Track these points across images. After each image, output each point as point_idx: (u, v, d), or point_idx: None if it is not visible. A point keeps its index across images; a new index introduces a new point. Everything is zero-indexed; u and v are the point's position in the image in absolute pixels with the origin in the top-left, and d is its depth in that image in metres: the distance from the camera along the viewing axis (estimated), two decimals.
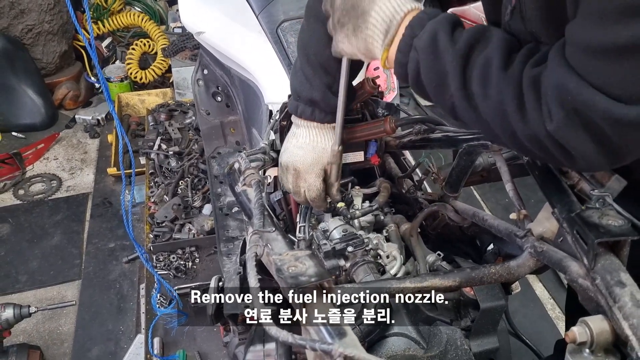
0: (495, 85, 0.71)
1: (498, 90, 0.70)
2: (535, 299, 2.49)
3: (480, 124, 0.76)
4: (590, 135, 0.65)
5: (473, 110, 0.74)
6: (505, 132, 0.73)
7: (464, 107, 0.75)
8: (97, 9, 4.07)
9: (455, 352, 1.09)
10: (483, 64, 0.72)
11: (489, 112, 0.73)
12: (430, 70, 0.76)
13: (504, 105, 0.70)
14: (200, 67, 2.13)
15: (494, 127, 0.74)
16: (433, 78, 0.76)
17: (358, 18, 0.81)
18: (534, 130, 0.69)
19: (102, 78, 1.54)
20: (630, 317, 0.61)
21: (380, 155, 1.51)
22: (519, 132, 0.71)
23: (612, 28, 0.59)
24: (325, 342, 0.58)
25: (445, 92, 0.76)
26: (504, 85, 0.70)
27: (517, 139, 0.72)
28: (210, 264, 2.40)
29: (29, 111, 3.56)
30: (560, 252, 0.81)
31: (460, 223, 1.30)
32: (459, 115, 0.78)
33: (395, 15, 0.78)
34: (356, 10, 0.81)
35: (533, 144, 0.70)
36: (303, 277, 0.64)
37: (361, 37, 0.82)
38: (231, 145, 2.17)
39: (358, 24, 0.81)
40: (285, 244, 0.74)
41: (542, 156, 0.74)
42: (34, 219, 2.93)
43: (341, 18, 0.84)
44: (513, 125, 0.71)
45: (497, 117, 0.72)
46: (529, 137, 0.70)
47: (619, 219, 0.71)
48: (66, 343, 2.28)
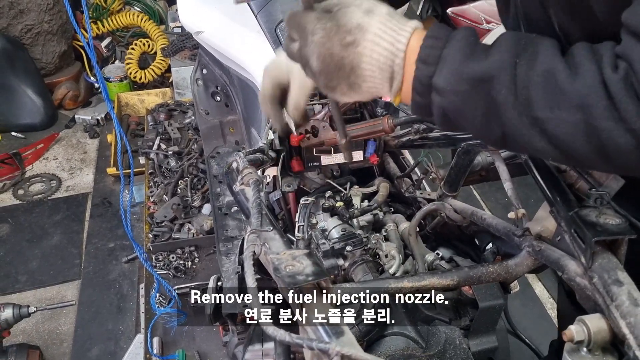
0: (573, 102, 0.60)
1: (579, 106, 0.59)
2: (534, 298, 2.50)
3: (552, 148, 0.63)
4: None
5: (539, 136, 0.63)
6: (591, 150, 0.61)
7: (525, 135, 0.63)
8: (97, 8, 4.07)
9: (453, 352, 1.09)
10: (543, 81, 0.61)
11: (565, 133, 0.61)
12: (464, 109, 0.65)
13: (591, 120, 0.59)
14: (199, 67, 2.12)
15: (573, 148, 0.62)
16: (469, 116, 0.65)
17: (349, 77, 0.68)
18: (631, 137, 0.58)
19: (101, 78, 1.54)
20: (627, 316, 0.61)
21: (379, 154, 1.52)
22: (610, 145, 0.60)
23: None
24: (322, 342, 0.58)
25: (492, 125, 0.64)
26: (588, 98, 0.59)
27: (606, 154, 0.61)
28: (209, 264, 2.41)
29: (28, 111, 3.56)
30: (558, 251, 0.81)
31: (459, 222, 1.30)
32: (513, 146, 0.67)
33: (395, 58, 0.66)
34: (343, 70, 0.67)
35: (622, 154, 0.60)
36: (300, 276, 0.64)
37: (362, 92, 0.70)
38: (230, 144, 2.17)
39: (352, 82, 0.68)
40: (283, 243, 0.74)
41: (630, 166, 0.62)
42: (34, 219, 2.93)
43: (329, 83, 0.70)
44: (602, 140, 0.60)
45: (578, 136, 0.61)
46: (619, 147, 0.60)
47: (616, 218, 0.71)
48: (66, 343, 2.28)
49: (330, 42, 0.66)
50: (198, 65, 2.13)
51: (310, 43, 0.67)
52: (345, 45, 0.66)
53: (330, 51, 0.66)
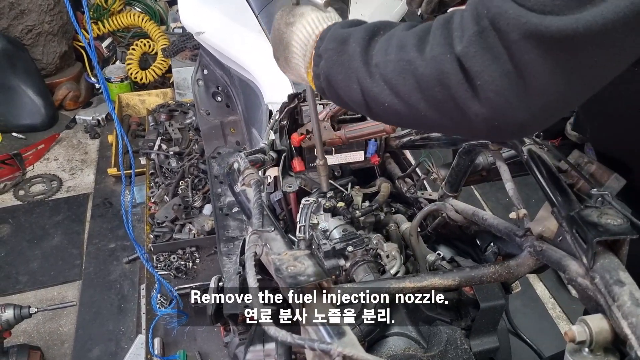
0: (396, 43, 0.68)
1: (399, 45, 0.67)
2: (536, 299, 2.49)
3: (387, 93, 0.70)
4: (497, 55, 0.60)
5: (378, 82, 0.70)
6: (412, 84, 0.67)
7: (368, 85, 0.71)
8: (97, 9, 4.07)
9: (455, 352, 1.09)
10: (386, 39, 0.70)
11: (391, 72, 0.68)
12: (335, 65, 0.75)
13: (406, 54, 0.66)
14: (200, 67, 2.13)
15: (401, 88, 0.68)
16: (338, 71, 0.75)
17: (285, 50, 0.84)
18: (438, 64, 0.63)
19: (102, 79, 1.54)
20: (629, 316, 0.60)
21: (380, 154, 1.52)
22: (425, 74, 0.65)
23: None
24: (324, 342, 0.58)
25: (351, 81, 0.73)
26: (406, 39, 0.67)
27: (424, 86, 0.66)
28: (210, 264, 2.41)
29: (29, 112, 3.56)
30: (559, 251, 0.81)
31: (460, 222, 1.30)
32: (366, 102, 0.74)
33: (309, 39, 0.81)
34: (282, 43, 0.84)
35: (439, 83, 0.64)
36: (302, 276, 0.64)
37: (292, 67, 0.85)
38: (231, 145, 2.17)
39: (286, 56, 0.84)
40: (284, 244, 0.74)
41: (443, 99, 0.66)
42: (35, 219, 2.93)
43: (275, 53, 0.88)
44: (418, 69, 0.66)
45: (401, 71, 0.67)
46: (434, 75, 0.64)
47: (618, 218, 0.71)
48: (67, 343, 2.28)
49: (281, 20, 0.84)
50: (199, 65, 2.14)
51: (274, 21, 0.87)
52: (287, 24, 0.83)
53: (278, 27, 0.85)
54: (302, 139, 1.41)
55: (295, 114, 1.45)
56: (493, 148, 1.15)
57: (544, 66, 0.58)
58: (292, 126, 1.45)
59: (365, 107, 0.75)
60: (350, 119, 1.44)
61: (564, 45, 0.57)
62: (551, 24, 0.55)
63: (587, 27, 0.55)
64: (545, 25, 0.56)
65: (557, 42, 0.56)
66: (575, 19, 0.55)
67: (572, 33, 0.55)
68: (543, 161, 0.90)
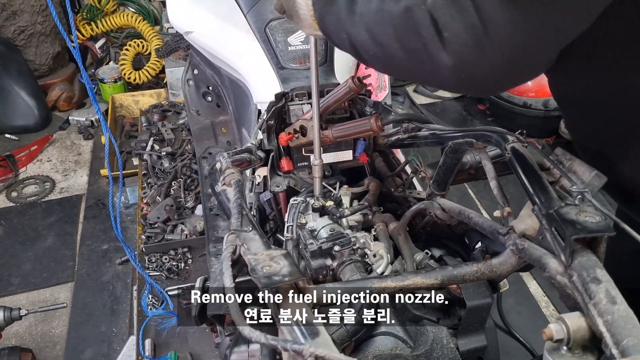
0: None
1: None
2: (529, 297, 2.49)
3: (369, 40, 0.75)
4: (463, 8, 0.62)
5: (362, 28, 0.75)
6: (388, 26, 0.71)
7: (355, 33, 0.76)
8: (91, 9, 4.06)
9: (441, 351, 1.08)
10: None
11: (372, 20, 0.73)
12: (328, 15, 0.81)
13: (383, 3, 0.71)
14: (190, 67, 2.12)
15: (377, 34, 0.73)
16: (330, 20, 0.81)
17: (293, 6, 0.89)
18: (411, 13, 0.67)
19: (88, 81, 1.53)
20: (604, 314, 0.60)
21: (369, 154, 1.51)
22: (397, 21, 0.69)
23: None
24: (296, 342, 0.57)
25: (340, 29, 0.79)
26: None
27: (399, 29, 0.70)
28: (202, 265, 2.40)
29: (22, 113, 3.55)
30: (540, 249, 0.80)
31: (447, 221, 1.30)
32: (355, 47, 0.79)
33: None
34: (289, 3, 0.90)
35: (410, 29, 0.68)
36: (277, 276, 0.64)
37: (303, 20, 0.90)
38: (222, 145, 2.16)
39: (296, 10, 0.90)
40: (262, 244, 0.74)
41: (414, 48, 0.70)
42: (27, 221, 2.92)
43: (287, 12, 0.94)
44: (392, 15, 0.70)
45: (379, 19, 0.72)
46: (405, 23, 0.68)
47: (596, 216, 0.70)
48: (59, 345, 2.27)
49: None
50: (189, 65, 2.13)
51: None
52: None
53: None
54: (289, 138, 1.40)
55: (283, 114, 1.45)
56: (478, 147, 1.15)
57: (505, 17, 0.60)
58: (280, 126, 1.44)
59: (356, 54, 0.81)
60: (338, 119, 1.44)
61: None
62: None
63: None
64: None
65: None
66: None
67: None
68: (525, 159, 0.89)
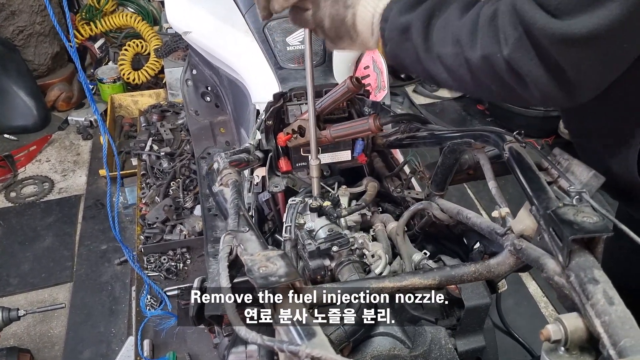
0: (452, 37, 0.75)
1: (454, 39, 0.75)
2: (528, 297, 2.49)
3: (451, 79, 0.80)
4: (540, 57, 0.67)
5: (442, 70, 0.79)
6: (467, 75, 0.76)
7: (434, 71, 0.81)
8: (90, 9, 4.05)
9: (439, 351, 1.08)
10: (442, 26, 0.77)
11: (451, 64, 0.77)
12: (403, 51, 0.84)
13: (461, 49, 0.74)
14: (189, 67, 2.11)
15: (458, 75, 0.77)
16: (406, 55, 0.84)
17: (350, 31, 0.91)
18: (490, 62, 0.71)
19: (85, 82, 1.53)
20: (602, 315, 0.60)
21: (368, 154, 1.51)
22: (478, 70, 0.73)
23: None
24: (292, 343, 0.57)
25: (416, 65, 0.84)
26: (461, 31, 0.74)
27: (478, 79, 0.75)
28: (201, 265, 2.40)
29: (21, 113, 3.55)
30: (538, 250, 0.80)
31: (445, 221, 1.30)
32: (436, 80, 0.84)
33: (374, 18, 0.88)
34: (346, 26, 0.91)
35: (491, 77, 0.73)
36: (273, 277, 0.64)
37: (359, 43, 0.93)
38: (221, 145, 2.16)
39: (351, 35, 0.92)
40: (259, 244, 0.73)
41: (500, 91, 0.76)
42: (26, 221, 2.92)
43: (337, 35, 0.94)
44: (472, 65, 0.74)
45: (457, 63, 0.76)
46: (486, 71, 0.73)
47: (594, 216, 0.70)
48: (57, 346, 2.27)
49: (337, 6, 0.90)
50: (188, 65, 2.13)
51: (323, 7, 0.92)
52: (346, 7, 0.90)
53: (337, 12, 0.91)
54: (288, 138, 1.40)
55: (282, 114, 1.44)
56: (477, 147, 1.15)
57: (577, 63, 0.66)
58: (279, 126, 1.44)
59: (431, 81, 0.86)
60: (336, 119, 1.44)
61: (590, 43, 0.63)
62: (574, 28, 0.62)
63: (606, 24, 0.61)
64: (569, 32, 0.63)
65: (584, 42, 0.63)
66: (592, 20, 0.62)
67: (594, 32, 0.62)
68: (523, 159, 0.89)
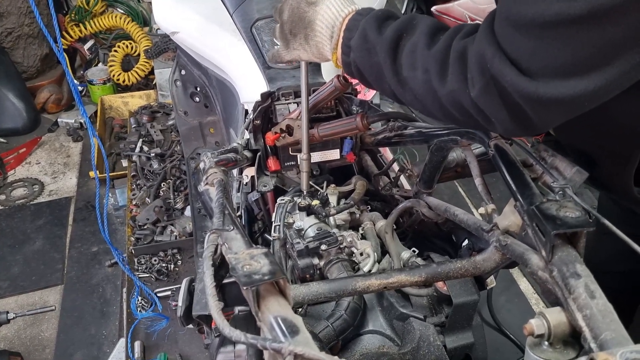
0: (421, 65, 0.76)
1: (424, 69, 0.76)
2: (519, 294, 2.50)
3: (417, 103, 0.81)
4: (505, 104, 0.68)
5: (408, 93, 0.80)
6: (436, 106, 0.77)
7: (400, 92, 0.82)
8: (79, 11, 4.02)
9: (427, 348, 1.09)
10: (410, 50, 0.78)
11: (419, 90, 0.78)
12: (367, 65, 0.84)
13: (430, 80, 0.75)
14: (177, 68, 2.11)
15: (426, 104, 0.79)
16: (370, 72, 0.84)
17: (306, 28, 0.91)
18: (459, 99, 0.73)
19: (74, 84, 1.52)
20: (583, 309, 0.60)
21: (356, 152, 1.51)
22: (447, 103, 0.75)
23: (527, 2, 0.62)
24: (275, 341, 0.57)
25: (383, 83, 0.83)
26: (429, 62, 0.75)
27: (447, 110, 0.77)
28: (192, 266, 2.39)
29: (10, 115, 3.51)
30: (522, 245, 0.81)
31: (434, 219, 1.30)
32: (400, 99, 0.85)
33: (336, 21, 0.87)
34: (303, 21, 0.90)
35: (459, 111, 0.75)
36: (257, 275, 0.64)
37: (313, 44, 0.92)
38: (211, 145, 2.15)
39: (307, 33, 0.91)
40: (243, 243, 0.73)
41: (469, 123, 0.78)
42: (16, 224, 2.90)
43: (293, 29, 0.93)
44: (441, 98, 0.75)
45: (427, 93, 0.77)
46: (455, 105, 0.75)
47: (576, 211, 0.71)
48: (48, 349, 2.25)
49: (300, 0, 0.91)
50: (176, 66, 2.12)
51: (286, 0, 0.93)
52: (309, 3, 0.90)
53: (298, 5, 0.91)
54: (276, 137, 1.40)
55: (270, 113, 1.44)
56: (463, 144, 1.15)
57: (544, 115, 0.68)
58: (267, 125, 1.44)
59: (395, 99, 0.87)
60: (324, 118, 1.44)
61: (560, 104, 0.65)
62: (545, 92, 0.64)
63: (579, 93, 0.63)
64: (540, 93, 0.64)
65: (553, 102, 0.65)
66: (567, 86, 0.63)
67: (567, 98, 0.63)
68: (508, 156, 0.90)
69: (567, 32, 0.60)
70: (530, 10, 0.61)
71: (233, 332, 0.60)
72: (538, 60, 0.63)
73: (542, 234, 0.71)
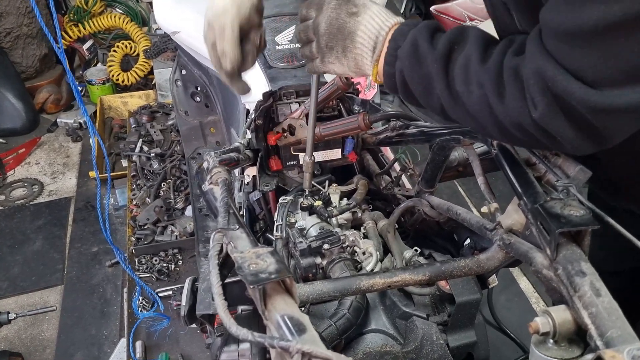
0: (476, 80, 0.72)
1: (479, 84, 0.72)
2: (519, 293, 2.51)
3: (470, 119, 0.77)
4: (573, 121, 0.66)
5: (460, 108, 0.76)
6: (492, 124, 0.74)
7: (451, 106, 0.77)
8: (78, 11, 4.02)
9: (430, 347, 1.09)
10: (463, 63, 0.74)
11: (474, 107, 0.74)
12: (415, 77, 0.79)
13: (486, 97, 0.72)
14: (178, 67, 2.11)
15: (482, 122, 0.75)
16: (419, 83, 0.79)
17: (345, 39, 0.85)
18: (518, 119, 0.70)
19: (74, 83, 1.52)
20: (589, 307, 0.61)
21: (358, 152, 1.51)
22: (505, 122, 0.72)
23: (578, 11, 0.60)
24: (283, 339, 0.57)
25: (432, 96, 0.79)
26: (484, 78, 0.71)
27: (505, 129, 0.73)
28: (193, 266, 2.39)
29: (9, 116, 3.51)
30: (526, 244, 0.81)
31: (435, 218, 1.30)
32: (449, 115, 0.80)
33: (381, 32, 0.82)
34: (343, 33, 0.84)
35: (520, 131, 0.72)
36: (263, 274, 0.64)
37: (351, 57, 0.86)
38: (211, 145, 2.15)
39: (346, 45, 0.85)
40: (249, 242, 0.73)
41: (530, 143, 0.75)
42: (15, 224, 2.89)
43: (329, 42, 0.86)
44: (498, 116, 0.72)
45: (482, 110, 0.73)
46: (514, 125, 0.71)
47: (580, 209, 0.71)
48: (48, 349, 2.25)
49: (340, 9, 0.84)
50: (177, 65, 2.12)
51: (325, 10, 0.85)
52: (350, 14, 0.84)
53: (337, 16, 0.84)
54: (278, 137, 1.40)
55: (271, 113, 1.44)
56: (465, 144, 1.15)
57: (613, 126, 0.67)
58: (269, 125, 1.44)
59: (441, 114, 0.81)
60: (326, 117, 1.44)
61: (630, 111, 0.63)
62: (615, 100, 0.62)
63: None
64: (612, 102, 0.62)
65: (624, 110, 0.63)
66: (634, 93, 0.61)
67: (635, 105, 0.62)
68: (511, 155, 0.90)
69: (633, 35, 0.58)
70: (579, 20, 0.59)
71: (240, 331, 0.60)
72: (604, 69, 0.61)
73: (546, 232, 0.72)
